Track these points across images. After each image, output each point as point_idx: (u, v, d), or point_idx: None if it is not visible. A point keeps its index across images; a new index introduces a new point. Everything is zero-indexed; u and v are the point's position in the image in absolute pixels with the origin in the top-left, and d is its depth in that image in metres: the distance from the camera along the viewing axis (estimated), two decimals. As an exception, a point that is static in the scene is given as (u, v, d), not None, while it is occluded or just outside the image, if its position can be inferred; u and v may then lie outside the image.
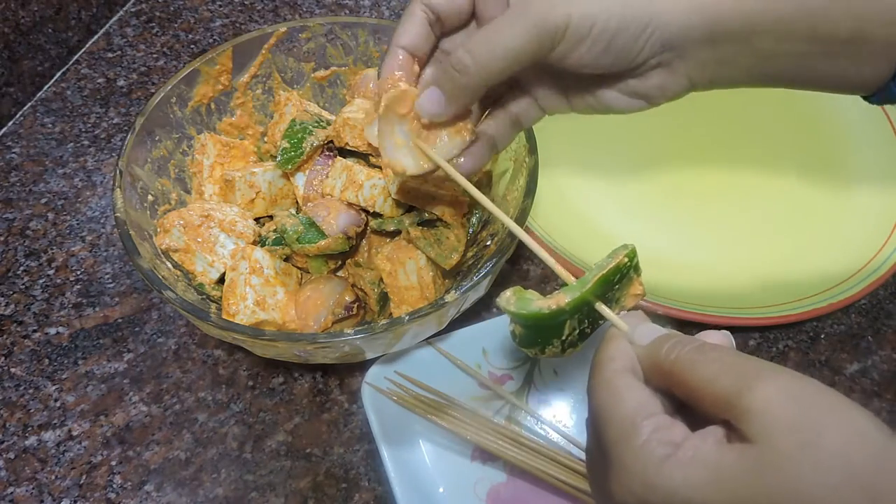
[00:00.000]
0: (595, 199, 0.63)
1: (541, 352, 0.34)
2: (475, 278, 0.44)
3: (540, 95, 0.41)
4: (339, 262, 0.52)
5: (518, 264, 0.59)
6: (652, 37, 0.35)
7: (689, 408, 0.28)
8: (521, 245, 0.57)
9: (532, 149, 0.49)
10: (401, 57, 0.38)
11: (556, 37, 0.34)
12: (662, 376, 0.29)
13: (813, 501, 0.23)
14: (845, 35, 0.33)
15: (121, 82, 0.71)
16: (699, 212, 0.62)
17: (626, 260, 0.33)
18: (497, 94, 0.41)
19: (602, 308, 0.33)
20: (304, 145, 0.51)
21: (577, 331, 0.34)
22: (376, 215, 0.51)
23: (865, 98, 0.38)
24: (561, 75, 0.39)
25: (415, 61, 0.39)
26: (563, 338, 0.34)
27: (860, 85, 0.37)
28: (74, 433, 0.50)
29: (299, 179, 0.52)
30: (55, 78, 0.71)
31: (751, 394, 0.25)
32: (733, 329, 0.55)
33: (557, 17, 0.33)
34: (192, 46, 0.74)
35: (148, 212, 0.49)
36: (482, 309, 0.56)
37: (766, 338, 0.56)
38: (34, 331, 0.54)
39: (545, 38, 0.34)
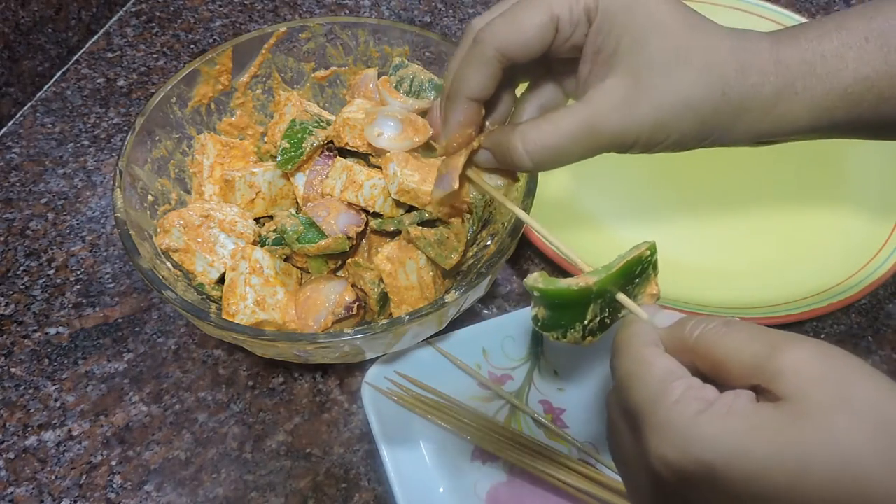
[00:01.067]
0: (595, 199, 0.63)
1: (563, 335, 0.34)
2: (475, 278, 0.44)
3: None
4: (339, 262, 0.52)
5: (518, 264, 0.59)
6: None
7: (713, 383, 0.29)
8: (521, 245, 0.57)
9: (532, 149, 0.48)
10: (469, 109, 0.36)
11: (615, 146, 0.35)
12: (686, 353, 0.29)
13: (852, 446, 0.23)
14: None
15: (121, 82, 0.71)
16: (699, 212, 0.62)
17: (647, 252, 0.34)
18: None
19: (623, 298, 0.34)
20: (304, 145, 0.51)
21: (599, 318, 0.34)
22: (376, 215, 0.51)
23: None
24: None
25: (481, 107, 0.37)
26: (586, 323, 0.34)
27: None
28: (74, 433, 0.50)
29: (299, 179, 0.52)
30: (55, 78, 0.71)
31: (780, 356, 0.25)
32: (733, 329, 0.56)
33: (625, 135, 0.35)
34: (192, 46, 0.74)
35: (148, 212, 0.49)
36: (482, 309, 0.56)
37: (766, 338, 0.56)
38: (34, 331, 0.54)
39: (603, 147, 0.35)
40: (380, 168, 0.51)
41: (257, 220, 0.53)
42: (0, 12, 0.63)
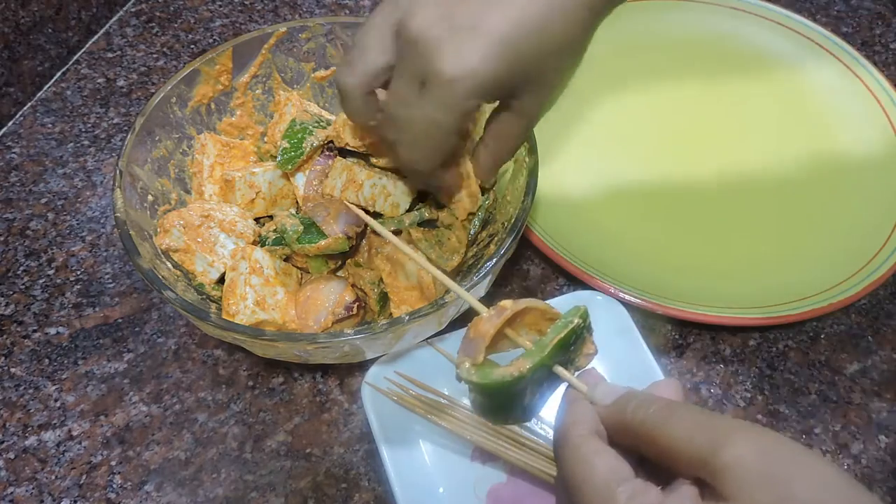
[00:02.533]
0: (595, 199, 0.63)
1: (504, 421, 0.35)
2: (475, 278, 0.44)
3: None
4: (339, 262, 0.52)
5: (518, 264, 0.59)
6: None
7: (651, 462, 0.29)
8: (521, 245, 0.57)
9: (532, 148, 0.49)
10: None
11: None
12: (629, 436, 0.29)
13: None
14: None
15: (121, 82, 0.71)
16: (699, 211, 0.62)
17: (580, 322, 0.34)
18: None
19: (560, 371, 0.34)
20: (304, 145, 0.51)
21: (537, 395, 0.34)
22: (377, 215, 0.51)
23: None
24: None
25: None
26: (525, 403, 0.34)
27: None
28: (74, 433, 0.50)
29: (299, 179, 0.52)
30: (55, 78, 0.71)
31: (724, 451, 0.25)
32: (733, 329, 0.56)
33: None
34: (192, 46, 0.74)
35: (148, 212, 0.49)
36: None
37: (766, 338, 0.56)
38: (34, 331, 0.54)
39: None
40: (380, 168, 0.52)
41: (257, 220, 0.53)
42: (0, 12, 0.63)
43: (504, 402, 0.34)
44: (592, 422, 0.31)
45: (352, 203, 0.51)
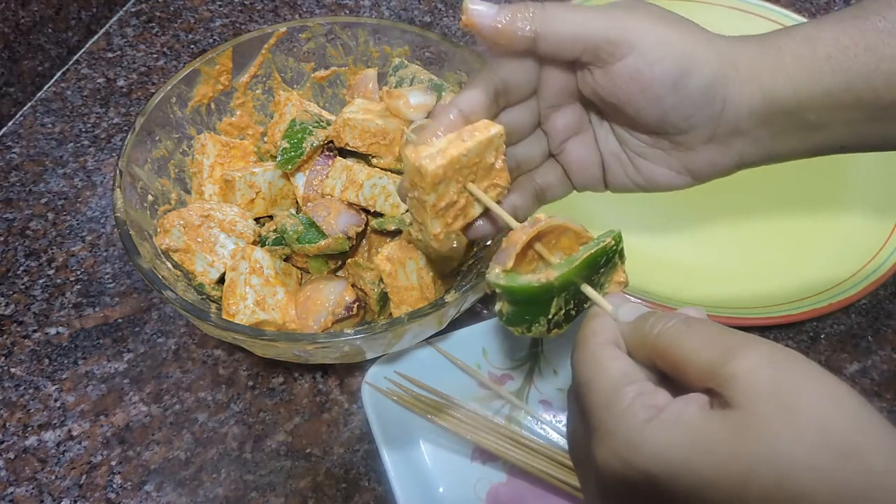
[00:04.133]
0: (596, 200, 0.62)
1: (527, 330, 0.34)
2: (475, 278, 0.44)
3: (574, 165, 0.40)
4: (339, 262, 0.52)
5: (518, 264, 0.59)
6: (721, 116, 0.35)
7: (671, 381, 0.29)
8: (521, 245, 0.57)
9: (532, 149, 0.49)
10: (452, 117, 0.36)
11: (626, 44, 0.34)
12: (646, 350, 0.30)
13: (791, 460, 0.23)
14: (888, 101, 0.34)
15: (121, 82, 0.71)
16: (699, 212, 0.62)
17: (612, 243, 0.34)
18: (527, 162, 0.40)
19: (587, 289, 0.33)
20: (304, 145, 0.51)
21: (563, 311, 0.34)
22: (377, 215, 0.51)
23: None
24: (604, 141, 0.39)
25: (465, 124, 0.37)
26: (550, 317, 0.34)
27: None
28: (74, 433, 0.50)
29: (299, 179, 0.52)
30: (55, 78, 0.71)
31: (734, 362, 0.25)
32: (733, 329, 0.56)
33: (634, 30, 0.34)
34: (192, 46, 0.74)
35: (148, 212, 0.49)
36: (482, 309, 0.56)
37: (765, 338, 0.56)
38: (34, 331, 0.54)
39: (614, 37, 0.34)
40: (380, 168, 0.52)
41: (257, 220, 0.53)
42: (0, 12, 0.63)
43: (529, 311, 0.34)
44: (612, 333, 0.31)
45: (352, 202, 0.51)
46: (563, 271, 0.32)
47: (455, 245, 0.38)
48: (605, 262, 0.34)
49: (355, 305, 0.48)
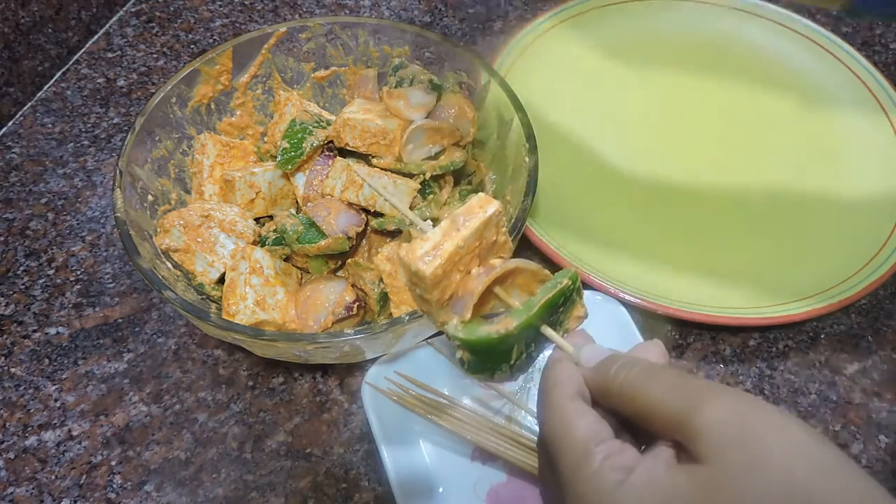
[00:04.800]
0: (596, 200, 0.63)
1: (490, 377, 0.34)
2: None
3: None
4: (339, 262, 0.52)
5: (518, 264, 0.59)
6: None
7: (633, 426, 0.29)
8: (522, 245, 0.57)
9: (532, 149, 0.49)
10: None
11: None
12: (611, 397, 0.30)
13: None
14: None
15: (121, 82, 0.71)
16: (699, 212, 0.62)
17: (569, 283, 0.33)
18: None
19: (547, 331, 0.33)
20: (304, 145, 0.51)
21: (525, 354, 0.34)
22: (377, 215, 0.51)
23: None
24: None
25: None
26: (511, 362, 0.34)
27: None
28: (74, 433, 0.50)
29: (299, 179, 0.52)
30: (55, 78, 0.71)
31: (699, 415, 0.26)
32: (733, 329, 0.56)
33: None
34: (192, 46, 0.74)
35: (148, 212, 0.49)
36: (482, 309, 0.56)
37: (766, 338, 0.56)
38: (34, 331, 0.54)
39: None
40: (380, 168, 0.52)
41: (257, 220, 0.53)
42: (0, 12, 0.63)
43: (490, 360, 0.33)
44: (576, 383, 0.31)
45: (352, 202, 0.51)
46: (522, 319, 0.32)
47: None
48: (563, 302, 0.34)
49: (355, 305, 0.48)
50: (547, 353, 0.35)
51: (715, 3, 0.75)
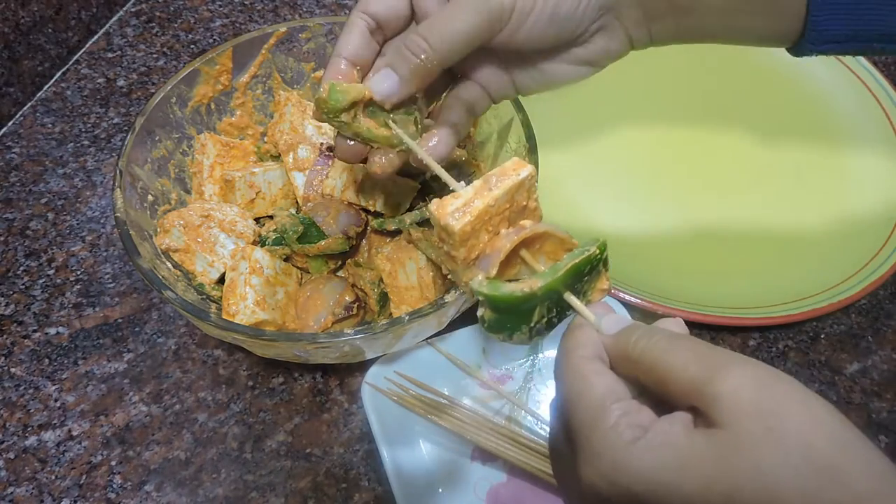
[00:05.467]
0: (596, 199, 0.63)
1: (508, 337, 0.34)
2: (475, 278, 0.44)
3: (486, 82, 0.42)
4: (339, 262, 0.52)
5: (518, 264, 0.59)
6: (590, 3, 0.37)
7: (654, 395, 0.29)
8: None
9: (532, 148, 0.49)
10: (342, 66, 0.39)
11: (504, 16, 0.36)
12: (630, 364, 0.30)
13: (775, 481, 0.23)
14: None
15: (121, 82, 0.71)
16: (699, 212, 0.62)
17: (597, 252, 0.33)
18: (440, 85, 0.42)
19: (571, 298, 0.33)
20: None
21: (546, 318, 0.34)
22: (377, 215, 0.51)
23: (788, 51, 0.42)
24: (505, 57, 0.41)
25: (356, 70, 0.39)
26: (532, 324, 0.34)
27: (778, 39, 0.40)
28: (74, 433, 0.50)
29: (299, 179, 0.52)
30: (55, 78, 0.71)
31: (719, 381, 0.26)
32: (733, 329, 0.56)
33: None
34: (192, 46, 0.74)
35: (148, 212, 0.49)
36: (482, 309, 0.56)
37: (766, 338, 0.56)
38: (34, 331, 0.54)
39: (495, 18, 0.36)
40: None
41: (257, 220, 0.53)
42: (0, 12, 0.63)
43: (511, 319, 0.33)
44: (596, 347, 0.31)
45: (352, 202, 0.51)
46: (547, 281, 0.32)
47: None
48: (589, 270, 0.34)
49: (355, 305, 0.48)
50: (567, 321, 0.35)
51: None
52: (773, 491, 0.23)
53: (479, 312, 0.34)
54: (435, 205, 0.33)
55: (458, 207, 0.33)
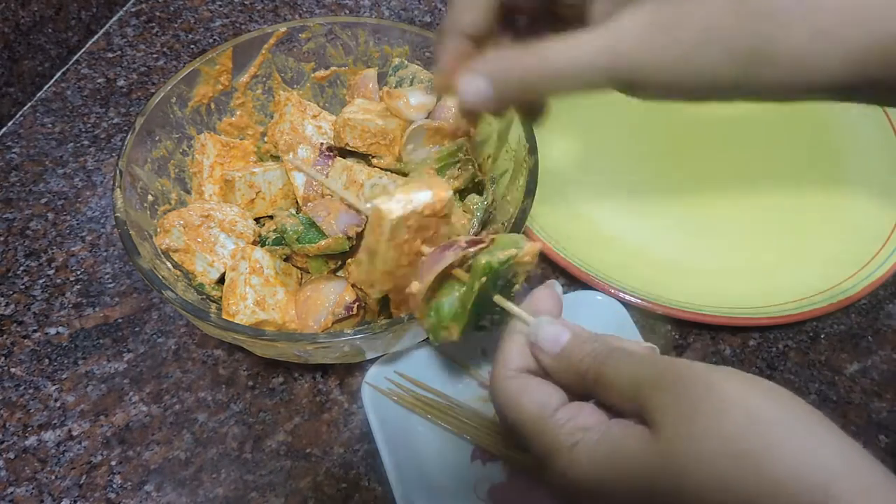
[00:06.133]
0: (596, 199, 0.63)
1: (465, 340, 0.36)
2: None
3: None
4: (339, 262, 0.52)
5: (518, 264, 0.59)
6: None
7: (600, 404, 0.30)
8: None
9: (532, 149, 0.49)
10: (463, 45, 0.33)
11: (635, 77, 0.32)
12: (577, 379, 0.30)
13: (695, 467, 0.25)
14: None
15: (121, 82, 0.71)
16: (699, 212, 0.62)
17: (508, 256, 0.34)
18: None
19: (502, 301, 0.34)
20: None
21: (490, 317, 0.36)
22: (376, 215, 0.51)
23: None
24: None
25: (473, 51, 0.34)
26: (479, 324, 0.36)
27: None
28: (74, 433, 0.50)
29: (299, 179, 0.52)
30: (55, 78, 0.71)
31: (649, 388, 0.27)
32: (733, 329, 0.56)
33: (646, 65, 0.31)
34: (192, 46, 0.74)
35: (148, 212, 0.49)
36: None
37: (766, 338, 0.56)
38: (34, 331, 0.54)
39: (621, 76, 0.32)
40: (380, 168, 0.52)
41: (257, 220, 0.53)
42: (0, 12, 0.63)
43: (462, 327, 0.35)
44: (519, 357, 0.31)
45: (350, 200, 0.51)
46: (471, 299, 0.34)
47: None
48: (506, 269, 0.34)
49: (355, 305, 0.48)
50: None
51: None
52: (703, 455, 0.25)
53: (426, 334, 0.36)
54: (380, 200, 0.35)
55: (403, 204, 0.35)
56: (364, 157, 0.52)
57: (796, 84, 0.31)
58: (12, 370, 0.52)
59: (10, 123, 0.67)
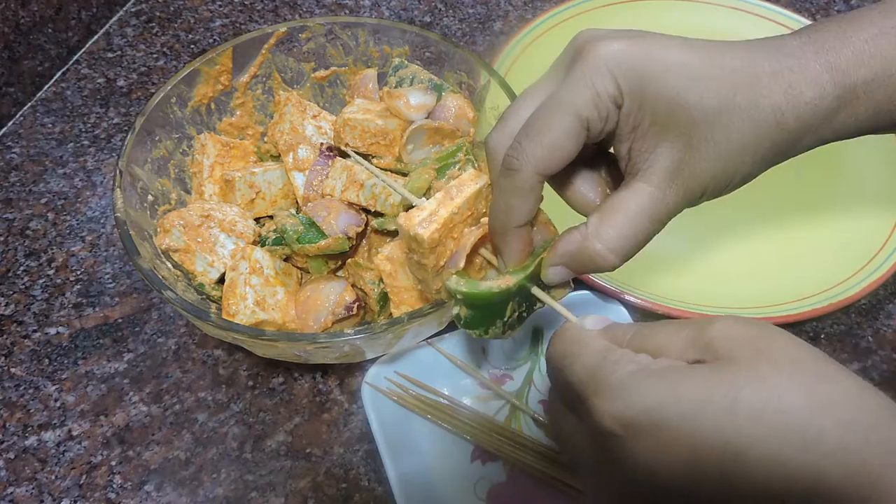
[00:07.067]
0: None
1: (485, 332, 0.37)
2: (475, 278, 0.44)
3: None
4: (339, 262, 0.52)
5: (518, 264, 0.59)
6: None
7: None
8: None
9: (532, 149, 0.49)
10: (522, 235, 0.36)
11: (685, 206, 0.37)
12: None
13: (772, 386, 0.26)
14: None
15: (121, 82, 0.71)
16: (699, 212, 0.62)
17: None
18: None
19: (538, 292, 0.36)
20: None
21: (517, 314, 0.37)
22: (377, 215, 0.51)
23: None
24: None
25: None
26: (505, 318, 0.36)
27: None
28: (74, 433, 0.50)
29: (299, 179, 0.52)
30: (55, 78, 0.71)
31: (709, 329, 0.28)
32: (733, 329, 0.56)
33: (691, 194, 0.36)
34: (192, 46, 0.74)
35: (148, 212, 0.49)
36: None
37: (766, 338, 0.56)
38: (34, 331, 0.54)
39: (674, 213, 0.37)
40: (380, 168, 0.52)
41: (257, 220, 0.53)
42: (0, 12, 0.63)
43: (485, 315, 0.36)
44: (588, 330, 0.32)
45: (352, 202, 0.51)
46: (520, 277, 0.35)
47: None
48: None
49: (355, 305, 0.48)
50: (538, 311, 0.38)
51: (715, 3, 0.75)
52: (771, 392, 0.25)
53: (455, 311, 0.36)
54: (402, 217, 0.35)
55: (424, 218, 0.35)
56: (364, 157, 0.52)
57: (826, 140, 0.38)
58: (12, 370, 0.52)
59: (10, 123, 0.67)
